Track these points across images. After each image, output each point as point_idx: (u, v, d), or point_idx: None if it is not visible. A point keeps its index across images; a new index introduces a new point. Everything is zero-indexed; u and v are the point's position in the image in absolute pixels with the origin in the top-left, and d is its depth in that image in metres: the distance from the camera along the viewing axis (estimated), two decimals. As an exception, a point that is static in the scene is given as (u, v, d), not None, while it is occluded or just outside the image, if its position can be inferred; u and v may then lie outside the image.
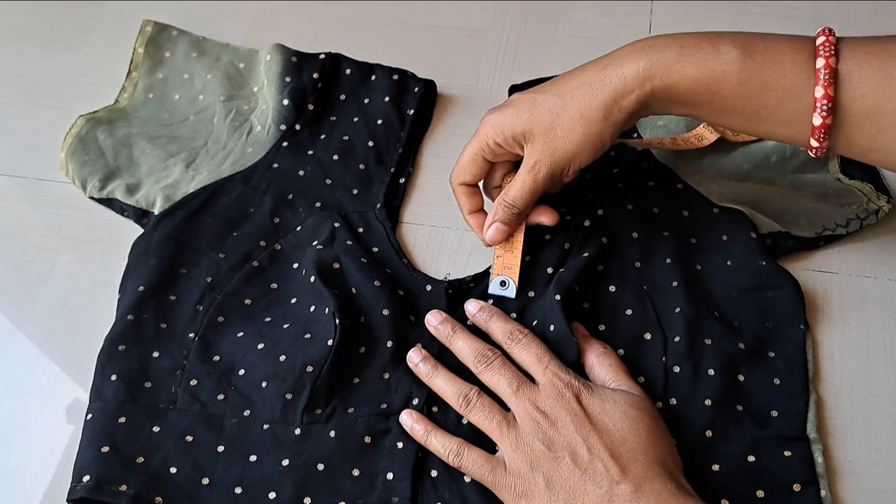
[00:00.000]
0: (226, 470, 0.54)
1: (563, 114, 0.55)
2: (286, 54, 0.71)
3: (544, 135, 0.56)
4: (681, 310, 0.58)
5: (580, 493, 0.49)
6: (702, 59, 0.52)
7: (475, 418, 0.54)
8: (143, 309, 0.60)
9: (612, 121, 0.55)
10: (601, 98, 0.54)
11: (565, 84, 0.56)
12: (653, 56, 0.53)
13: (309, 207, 0.65)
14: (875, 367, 0.59)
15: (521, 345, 0.56)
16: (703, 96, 0.53)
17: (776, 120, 0.52)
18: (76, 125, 0.69)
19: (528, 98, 0.57)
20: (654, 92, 0.53)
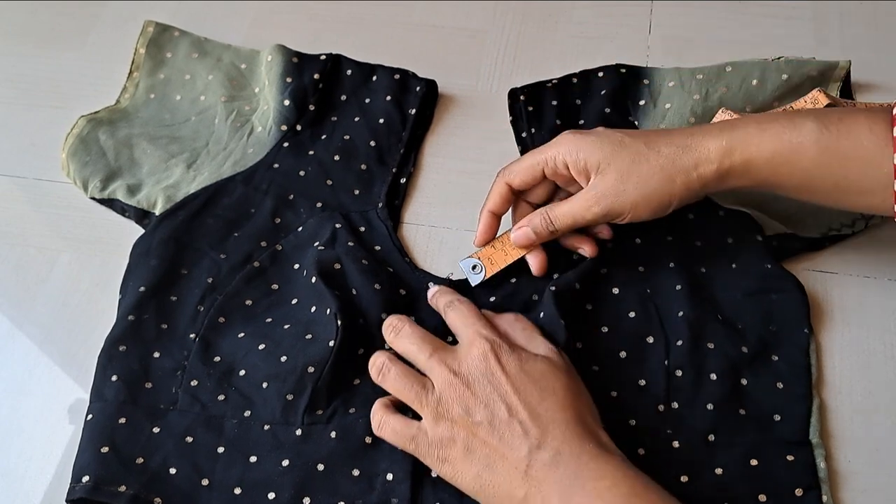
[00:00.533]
0: (225, 471, 0.54)
1: (645, 162, 0.56)
2: (287, 55, 0.71)
3: (619, 173, 0.56)
4: (684, 313, 0.58)
5: (499, 457, 0.49)
6: (779, 133, 0.53)
7: (391, 387, 0.53)
8: (143, 309, 0.60)
9: (686, 186, 0.55)
10: (684, 161, 0.55)
11: (653, 138, 0.57)
12: (734, 132, 0.55)
13: (310, 208, 0.65)
14: (875, 368, 0.59)
15: (454, 309, 0.56)
16: (783, 169, 0.54)
17: (858, 190, 0.53)
18: (77, 125, 0.69)
19: (616, 135, 0.58)
20: (733, 166, 0.54)
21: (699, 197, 0.57)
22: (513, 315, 0.57)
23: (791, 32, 0.75)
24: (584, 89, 0.70)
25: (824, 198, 0.55)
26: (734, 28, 0.76)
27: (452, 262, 0.65)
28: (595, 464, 0.48)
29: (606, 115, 0.68)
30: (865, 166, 0.52)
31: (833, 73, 0.68)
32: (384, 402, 0.54)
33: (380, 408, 0.53)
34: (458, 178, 0.69)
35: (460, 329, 0.55)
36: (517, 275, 0.62)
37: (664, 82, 0.69)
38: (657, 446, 0.54)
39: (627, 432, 0.55)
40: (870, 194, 0.52)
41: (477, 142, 0.71)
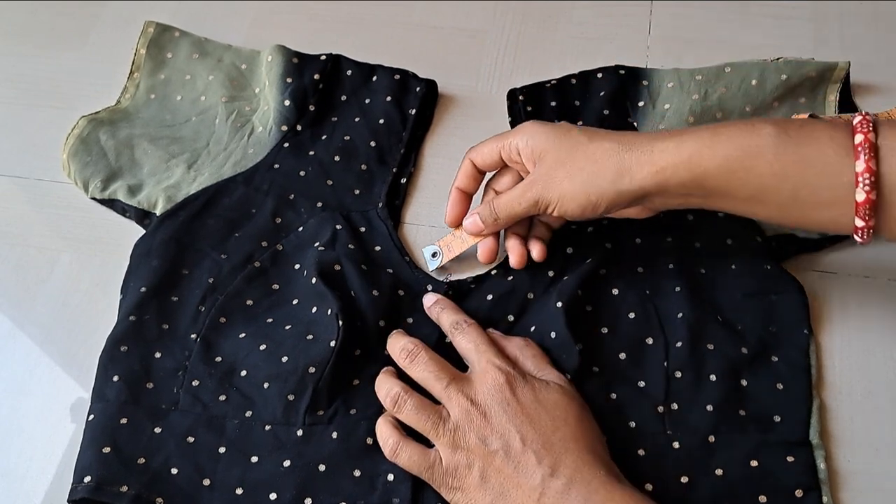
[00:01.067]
0: (227, 471, 0.54)
1: (581, 154, 0.55)
2: (287, 55, 0.71)
3: (554, 162, 0.55)
4: (683, 314, 0.58)
5: (513, 485, 0.49)
6: (733, 136, 0.51)
7: (407, 418, 0.53)
8: (144, 310, 0.60)
9: (616, 188, 0.53)
10: (621, 158, 0.53)
11: (603, 134, 0.56)
12: (684, 135, 0.52)
13: (311, 208, 0.65)
14: (875, 368, 0.59)
15: (463, 333, 0.56)
16: (736, 175, 0.51)
17: (816, 202, 0.50)
18: (78, 126, 0.69)
19: (567, 126, 0.57)
20: (677, 171, 0.51)
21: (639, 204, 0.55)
22: (522, 340, 0.57)
23: (791, 32, 0.75)
24: (583, 90, 0.70)
25: (778, 211, 0.52)
26: (734, 28, 0.76)
27: (453, 261, 0.65)
28: (605, 490, 0.48)
29: (605, 116, 0.68)
30: (825, 175, 0.49)
31: (833, 73, 0.68)
32: (394, 423, 0.54)
33: (393, 432, 0.53)
34: (459, 179, 0.69)
35: (472, 356, 0.55)
36: (515, 273, 0.62)
37: (663, 83, 0.69)
38: (657, 447, 0.54)
39: (627, 433, 0.55)
40: (828, 206, 0.50)
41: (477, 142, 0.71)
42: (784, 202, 0.51)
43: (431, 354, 0.55)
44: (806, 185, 0.49)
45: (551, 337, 0.57)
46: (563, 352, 0.57)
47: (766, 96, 0.67)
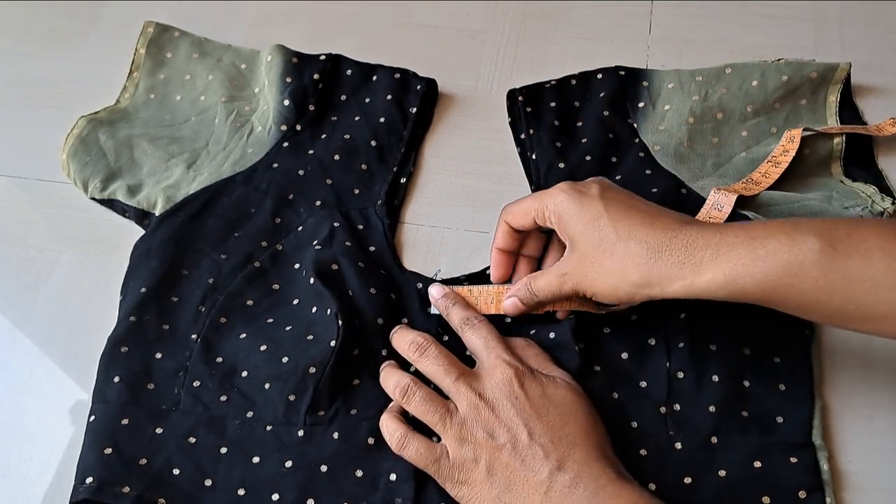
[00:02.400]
0: (228, 471, 0.54)
1: (608, 254, 0.52)
2: (287, 55, 0.71)
3: (582, 257, 0.53)
4: (685, 315, 0.58)
5: (520, 479, 0.50)
6: (774, 251, 0.47)
7: (415, 410, 0.54)
8: (145, 310, 0.60)
9: (647, 294, 0.51)
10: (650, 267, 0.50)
11: (633, 223, 0.52)
12: (720, 249, 0.49)
13: (310, 207, 0.65)
14: (875, 368, 0.59)
15: (474, 329, 0.56)
16: (777, 291, 0.47)
17: (865, 315, 0.46)
18: (77, 126, 0.69)
19: (596, 206, 0.53)
20: (710, 287, 0.49)
21: None
22: (523, 340, 0.57)
23: (791, 33, 0.75)
24: (582, 91, 0.70)
25: (826, 320, 0.49)
26: (734, 28, 0.76)
27: (453, 262, 0.65)
28: (612, 487, 0.48)
29: (605, 117, 0.68)
30: (875, 290, 0.45)
31: (834, 74, 0.68)
32: (399, 418, 0.54)
33: (399, 426, 0.53)
34: (458, 178, 0.69)
35: (481, 352, 0.55)
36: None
37: (663, 84, 0.69)
38: (659, 448, 0.54)
39: (630, 433, 0.55)
40: (880, 320, 0.46)
41: (477, 142, 0.71)
42: (832, 314, 0.48)
43: (441, 349, 0.55)
44: (854, 300, 0.46)
45: (550, 337, 0.57)
46: (563, 352, 0.57)
47: (767, 97, 0.67)
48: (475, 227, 0.66)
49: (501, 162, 0.69)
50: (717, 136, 0.67)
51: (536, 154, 0.67)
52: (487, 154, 0.70)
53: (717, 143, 0.67)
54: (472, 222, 0.67)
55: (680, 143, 0.66)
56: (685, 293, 0.50)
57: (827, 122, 0.67)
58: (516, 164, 0.69)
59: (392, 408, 0.55)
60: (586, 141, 0.67)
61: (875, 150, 0.67)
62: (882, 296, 0.45)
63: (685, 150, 0.66)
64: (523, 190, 0.68)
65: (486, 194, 0.68)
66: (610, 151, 0.67)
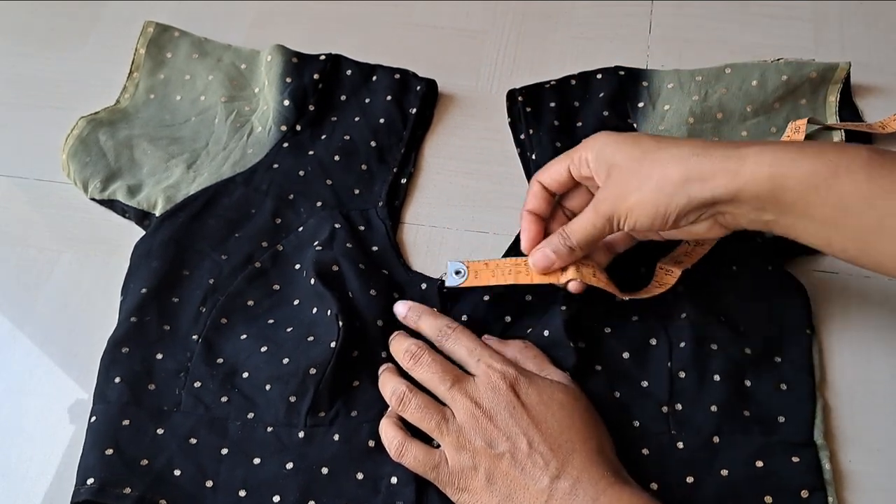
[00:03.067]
0: (230, 472, 0.54)
1: (648, 161, 0.51)
2: (287, 55, 0.71)
3: (622, 172, 0.52)
4: (687, 315, 0.58)
5: (520, 487, 0.49)
6: (825, 151, 0.46)
7: (411, 417, 0.53)
8: (145, 311, 0.60)
9: (688, 191, 0.49)
10: (693, 162, 0.49)
11: (676, 140, 0.52)
12: (768, 146, 0.48)
13: (310, 208, 0.65)
14: (875, 368, 0.59)
15: (451, 340, 0.56)
16: (817, 192, 0.46)
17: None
18: (77, 126, 0.69)
19: (636, 135, 0.53)
20: (755, 178, 0.47)
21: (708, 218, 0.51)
22: (521, 342, 0.57)
23: (791, 33, 0.75)
24: (582, 91, 0.70)
25: (855, 240, 0.47)
26: (734, 28, 0.76)
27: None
28: (613, 490, 0.48)
29: (605, 117, 0.68)
30: None
31: (833, 74, 0.68)
32: (398, 424, 0.54)
33: (398, 432, 0.53)
34: (459, 179, 0.69)
35: (467, 361, 0.55)
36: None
37: (663, 84, 0.69)
38: (661, 447, 0.54)
39: (631, 433, 0.55)
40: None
41: (477, 142, 0.71)
42: (865, 228, 0.46)
43: (435, 356, 0.55)
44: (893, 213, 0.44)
45: (544, 335, 0.57)
46: (559, 350, 0.56)
47: (767, 97, 0.67)
48: (475, 227, 0.66)
49: (501, 162, 0.69)
50: (718, 135, 0.67)
51: (536, 154, 0.67)
52: (487, 154, 0.70)
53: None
54: (472, 222, 0.67)
55: (680, 143, 0.66)
56: (726, 190, 0.48)
57: (827, 122, 0.67)
58: (516, 164, 0.69)
59: (391, 413, 0.55)
60: (586, 141, 0.67)
61: (875, 148, 0.67)
62: None
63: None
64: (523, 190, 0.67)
65: (486, 194, 0.68)
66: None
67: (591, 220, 0.53)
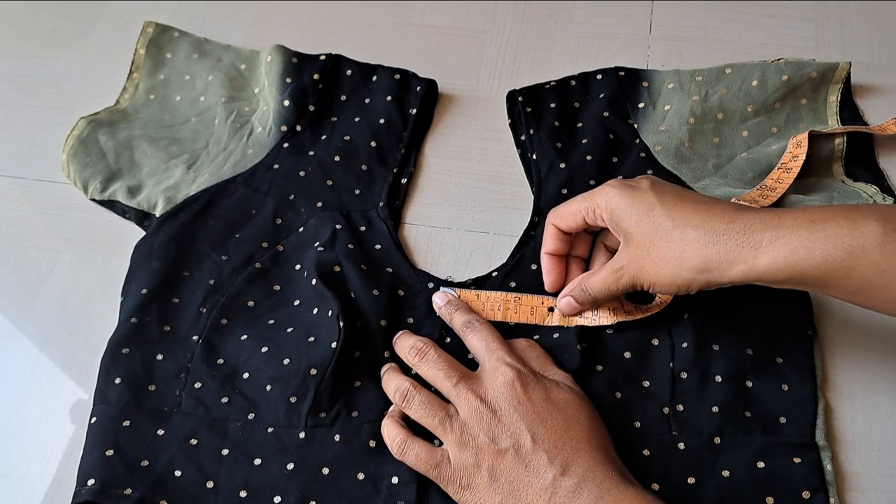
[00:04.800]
0: (230, 473, 0.54)
1: (665, 241, 0.52)
2: (287, 55, 0.71)
3: (639, 249, 0.53)
4: (689, 315, 0.58)
5: (524, 485, 0.49)
6: (835, 235, 0.47)
7: (415, 414, 0.53)
8: (146, 312, 0.60)
9: (706, 277, 0.51)
10: (708, 252, 0.50)
11: (689, 211, 0.52)
12: (779, 231, 0.48)
13: (311, 208, 0.65)
14: (875, 368, 0.59)
15: (475, 330, 0.56)
16: (836, 274, 0.47)
17: None
18: (77, 127, 0.69)
19: (649, 200, 0.53)
20: (770, 270, 0.48)
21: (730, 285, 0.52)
22: (525, 341, 0.57)
23: (791, 33, 0.75)
24: (582, 91, 0.70)
25: (884, 306, 0.48)
26: (734, 28, 0.76)
27: (453, 262, 0.65)
28: (616, 490, 0.48)
29: (605, 117, 0.68)
30: None
31: (834, 74, 0.68)
32: (400, 422, 0.54)
33: (400, 430, 0.53)
34: (459, 179, 0.69)
35: (483, 354, 0.55)
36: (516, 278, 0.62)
37: (663, 84, 0.69)
38: (663, 448, 0.54)
39: (632, 433, 0.55)
40: None
41: (477, 142, 0.71)
42: (891, 299, 0.47)
43: (441, 353, 0.55)
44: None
45: (553, 337, 0.57)
46: (564, 351, 0.57)
47: (768, 97, 0.67)
48: (475, 228, 0.66)
49: (501, 162, 0.69)
50: (718, 136, 0.67)
51: (537, 154, 0.67)
52: (488, 154, 0.70)
53: (718, 143, 0.67)
54: (472, 222, 0.67)
55: (681, 143, 0.66)
56: (744, 277, 0.49)
57: (827, 122, 0.67)
58: (516, 164, 0.69)
59: (393, 412, 0.55)
60: (587, 141, 0.67)
61: (876, 149, 0.67)
62: None
63: (686, 150, 0.66)
64: (523, 190, 0.67)
65: (487, 194, 0.68)
66: (611, 151, 0.67)
67: (612, 281, 0.55)
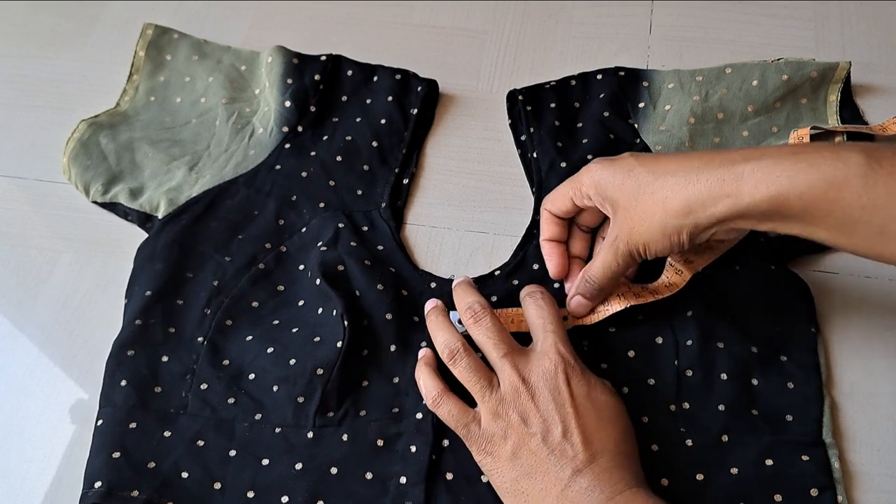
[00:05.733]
0: (238, 474, 0.54)
1: (648, 195, 0.51)
2: (287, 56, 0.71)
3: (626, 211, 0.53)
4: (693, 313, 0.58)
5: (542, 470, 0.50)
6: (819, 164, 0.46)
7: (459, 374, 0.53)
8: (150, 314, 0.60)
9: (693, 220, 0.50)
10: (690, 191, 0.50)
11: (668, 162, 0.52)
12: (762, 159, 0.48)
13: (313, 209, 0.65)
14: (876, 368, 0.59)
15: (536, 302, 0.56)
16: (820, 206, 0.46)
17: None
18: (78, 129, 0.69)
19: (629, 163, 0.53)
20: (754, 201, 0.48)
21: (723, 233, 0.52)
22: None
23: (791, 33, 0.75)
24: (582, 91, 0.70)
25: (865, 243, 0.47)
26: (734, 28, 0.76)
27: (454, 262, 0.65)
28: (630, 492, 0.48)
29: (605, 117, 0.68)
30: None
31: (834, 74, 0.68)
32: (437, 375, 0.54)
33: (437, 383, 0.54)
34: (459, 179, 0.69)
35: (538, 332, 0.54)
36: (518, 275, 0.62)
37: (663, 84, 0.69)
38: (671, 444, 0.55)
39: (641, 429, 0.55)
40: None
41: (477, 142, 0.71)
42: (872, 236, 0.46)
43: (496, 320, 0.54)
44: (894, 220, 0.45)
45: None
46: None
47: (768, 97, 0.67)
48: (476, 228, 0.66)
49: (502, 162, 0.69)
50: (719, 136, 0.67)
51: (538, 153, 0.67)
52: (488, 154, 0.70)
53: (719, 143, 0.67)
54: (472, 222, 0.67)
55: (681, 143, 0.66)
56: (729, 212, 0.49)
57: (828, 122, 0.67)
58: (516, 164, 0.69)
59: (429, 360, 0.55)
60: (587, 141, 0.67)
61: (875, 149, 0.67)
62: None
63: (687, 150, 0.66)
64: (524, 190, 0.68)
65: (487, 194, 0.68)
66: (611, 151, 0.66)
67: (611, 260, 0.55)
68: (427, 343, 0.58)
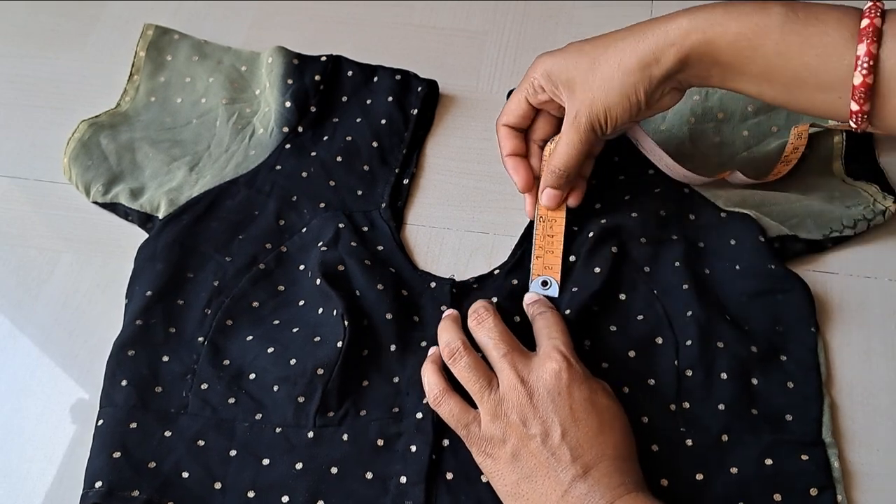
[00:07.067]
0: (238, 474, 0.54)
1: (604, 62, 0.55)
2: (287, 56, 0.71)
3: (583, 83, 0.56)
4: (692, 313, 0.58)
5: (542, 473, 0.50)
6: (745, 14, 0.52)
7: (458, 374, 0.54)
8: (151, 314, 0.60)
9: (648, 73, 0.54)
10: (641, 48, 0.54)
11: (613, 35, 0.56)
12: (697, 13, 0.53)
13: (313, 209, 0.65)
14: (875, 368, 0.59)
15: (543, 317, 0.56)
16: (745, 53, 0.52)
17: (816, 83, 0.51)
18: (79, 130, 0.69)
19: (577, 45, 0.58)
20: (694, 47, 0.53)
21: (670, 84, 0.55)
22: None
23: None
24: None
25: (784, 91, 0.53)
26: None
27: (454, 262, 0.65)
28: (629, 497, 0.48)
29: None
30: (826, 57, 0.50)
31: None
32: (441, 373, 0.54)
33: (440, 382, 0.54)
34: (459, 179, 0.69)
35: (543, 339, 0.55)
36: (518, 275, 0.62)
37: (664, 83, 0.69)
38: (671, 444, 0.55)
39: (640, 428, 0.55)
40: (827, 89, 0.51)
41: (477, 142, 0.71)
42: (788, 82, 0.52)
43: (499, 322, 0.55)
44: (807, 66, 0.51)
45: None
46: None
47: (768, 97, 0.67)
48: (476, 228, 0.66)
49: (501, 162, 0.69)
50: (719, 135, 0.67)
51: (538, 152, 0.67)
52: (488, 154, 0.70)
53: (719, 142, 0.67)
54: (472, 222, 0.67)
55: (682, 142, 0.66)
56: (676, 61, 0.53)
57: (827, 121, 0.67)
58: (517, 164, 0.69)
59: (435, 358, 0.55)
60: (587, 141, 0.67)
61: (876, 147, 0.67)
62: (832, 63, 0.50)
63: (687, 149, 0.66)
64: (524, 190, 0.68)
65: (487, 194, 0.68)
66: (612, 151, 0.67)
67: (574, 138, 0.57)
68: (427, 343, 0.58)
